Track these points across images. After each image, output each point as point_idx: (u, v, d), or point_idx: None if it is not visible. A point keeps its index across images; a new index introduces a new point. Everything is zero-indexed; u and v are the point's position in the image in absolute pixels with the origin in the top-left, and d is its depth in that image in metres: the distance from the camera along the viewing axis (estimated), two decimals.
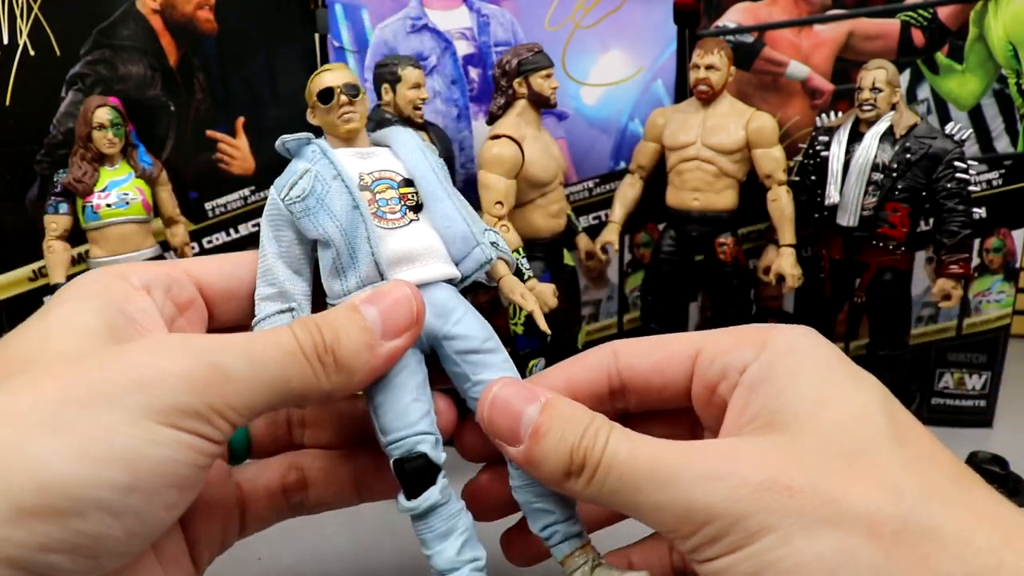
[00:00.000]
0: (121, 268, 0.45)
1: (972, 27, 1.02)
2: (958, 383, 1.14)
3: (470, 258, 0.50)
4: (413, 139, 0.52)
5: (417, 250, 0.48)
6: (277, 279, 0.48)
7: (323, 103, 0.50)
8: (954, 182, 0.91)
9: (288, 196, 0.47)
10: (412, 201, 0.49)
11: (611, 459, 0.40)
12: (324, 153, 0.48)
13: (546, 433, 0.42)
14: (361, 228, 0.47)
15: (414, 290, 0.46)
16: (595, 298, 1.17)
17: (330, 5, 1.05)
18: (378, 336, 0.44)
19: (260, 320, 0.48)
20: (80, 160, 0.94)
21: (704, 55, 0.98)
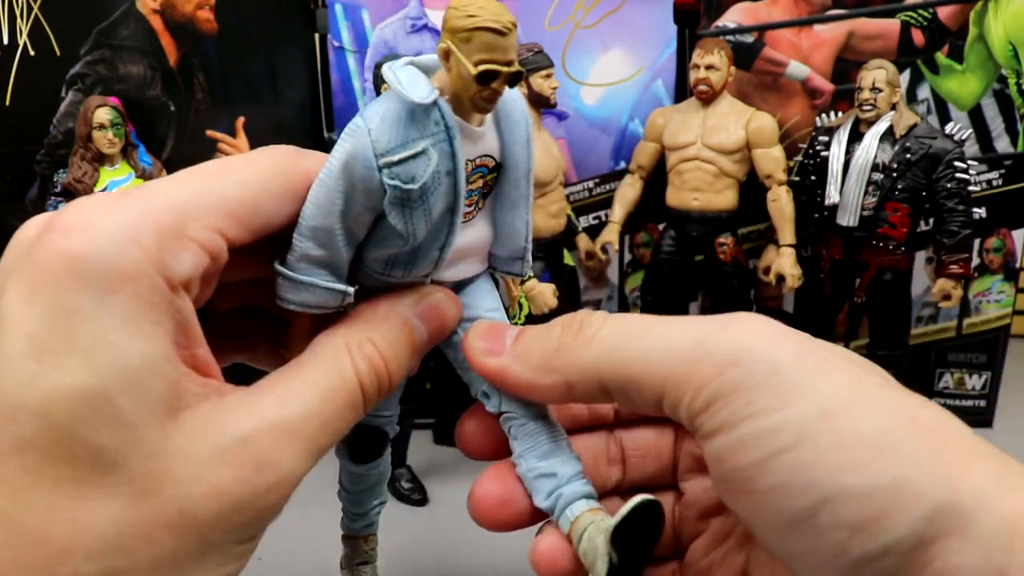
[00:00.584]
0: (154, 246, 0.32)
1: (972, 27, 1.02)
2: (958, 383, 1.14)
3: (508, 265, 0.44)
4: (525, 122, 0.41)
5: (471, 250, 0.43)
6: (333, 244, 0.39)
7: (479, 82, 0.37)
8: (954, 182, 0.91)
9: (392, 173, 0.37)
10: (488, 188, 0.42)
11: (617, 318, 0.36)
12: (450, 138, 0.38)
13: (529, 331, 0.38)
14: (444, 232, 0.40)
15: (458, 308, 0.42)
16: (595, 298, 1.17)
17: (330, 5, 1.05)
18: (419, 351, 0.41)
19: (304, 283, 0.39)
20: (80, 160, 0.94)
21: (704, 55, 0.98)
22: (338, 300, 0.40)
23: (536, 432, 0.41)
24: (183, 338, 0.34)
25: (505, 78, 0.36)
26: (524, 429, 0.42)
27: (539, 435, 0.41)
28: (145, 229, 0.30)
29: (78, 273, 0.29)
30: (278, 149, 0.35)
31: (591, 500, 0.39)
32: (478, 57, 0.35)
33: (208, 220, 0.33)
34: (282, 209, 0.37)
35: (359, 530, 0.53)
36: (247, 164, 0.35)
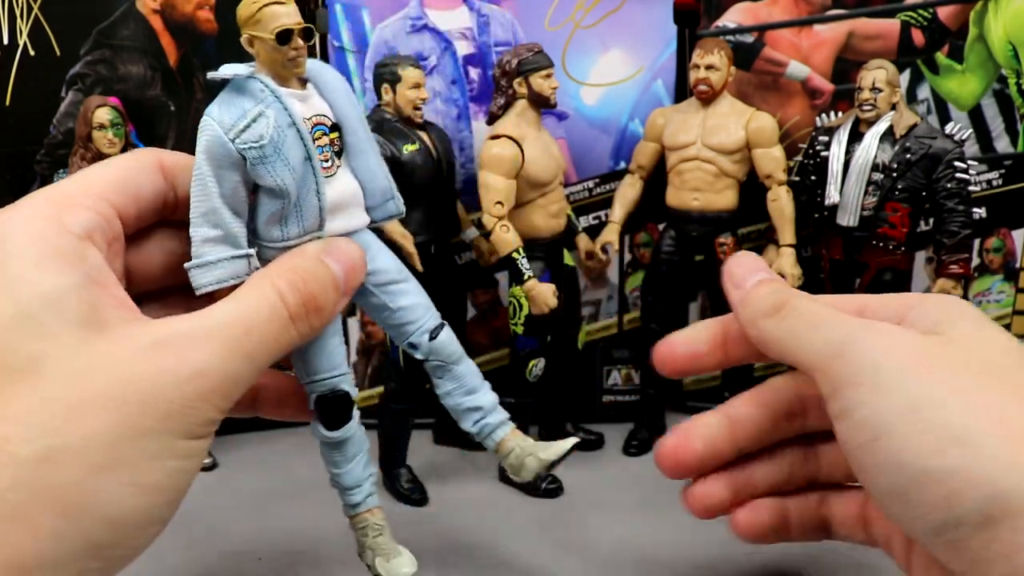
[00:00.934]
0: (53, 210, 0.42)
1: (972, 27, 1.02)
2: None
3: (382, 209, 0.52)
4: (340, 81, 0.51)
5: (346, 200, 0.49)
6: (223, 221, 0.46)
7: (280, 43, 0.46)
8: (954, 182, 0.91)
9: (242, 139, 0.45)
10: (337, 147, 0.49)
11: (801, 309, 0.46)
12: (276, 96, 0.46)
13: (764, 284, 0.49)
14: (311, 179, 0.47)
15: (361, 252, 0.49)
16: (595, 298, 1.17)
17: (330, 5, 1.05)
18: (343, 292, 0.47)
19: (210, 262, 0.46)
20: (80, 160, 0.94)
21: (704, 55, 0.98)
22: (244, 266, 0.47)
23: (461, 375, 0.53)
24: (100, 279, 0.41)
25: (299, 32, 0.46)
26: (450, 373, 0.53)
27: (463, 377, 0.53)
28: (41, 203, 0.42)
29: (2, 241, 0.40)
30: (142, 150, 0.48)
31: (507, 424, 0.53)
32: (272, 25, 0.45)
33: (92, 190, 0.44)
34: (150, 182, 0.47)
35: (360, 504, 0.55)
36: (118, 157, 0.46)
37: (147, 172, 0.47)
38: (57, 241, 0.40)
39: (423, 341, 0.52)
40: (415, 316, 0.52)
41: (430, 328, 0.52)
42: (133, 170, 0.47)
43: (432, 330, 0.52)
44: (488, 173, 0.92)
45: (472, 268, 1.08)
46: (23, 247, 0.40)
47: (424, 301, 0.53)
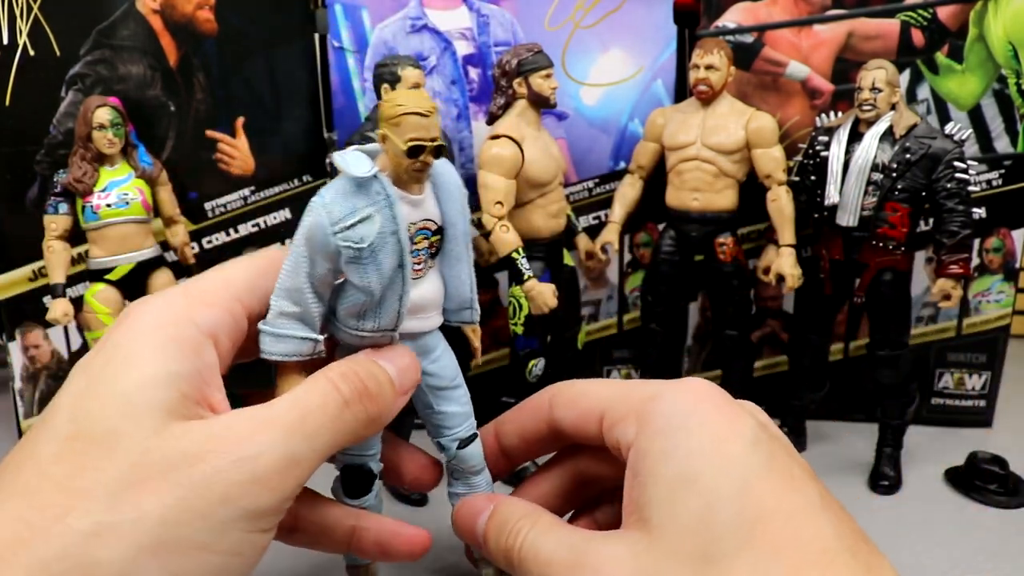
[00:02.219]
0: (187, 308, 0.45)
1: (972, 27, 1.02)
2: (958, 383, 1.14)
3: (458, 315, 0.54)
4: (459, 185, 0.51)
5: (427, 302, 0.51)
6: (304, 300, 0.47)
7: (409, 156, 0.46)
8: (954, 182, 0.91)
9: (345, 236, 0.45)
10: (435, 249, 0.51)
11: (522, 558, 0.47)
12: (390, 203, 0.46)
13: (488, 538, 0.51)
14: (398, 285, 0.48)
15: (412, 355, 0.51)
16: (595, 298, 1.17)
17: (330, 5, 1.05)
18: (399, 391, 0.49)
19: (280, 335, 0.48)
20: (80, 160, 0.94)
21: (704, 55, 0.98)
22: (310, 348, 0.48)
23: (475, 484, 0.56)
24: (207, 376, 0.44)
25: (430, 150, 0.46)
26: (466, 480, 0.56)
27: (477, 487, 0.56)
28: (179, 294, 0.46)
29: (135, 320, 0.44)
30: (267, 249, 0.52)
31: None
32: (408, 136, 0.45)
33: (227, 291, 0.47)
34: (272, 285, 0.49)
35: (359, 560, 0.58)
36: (242, 259, 0.50)
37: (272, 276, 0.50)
38: (180, 331, 0.44)
39: (452, 447, 0.55)
40: (453, 424, 0.55)
41: (462, 438, 0.55)
42: (264, 269, 0.50)
43: (463, 440, 0.55)
44: (488, 173, 0.92)
45: None
46: (150, 330, 0.43)
47: (466, 411, 0.56)
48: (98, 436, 0.39)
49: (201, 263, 1.08)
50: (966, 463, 0.97)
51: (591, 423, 0.51)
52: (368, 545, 0.55)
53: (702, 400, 0.46)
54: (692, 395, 0.46)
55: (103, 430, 0.39)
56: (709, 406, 0.45)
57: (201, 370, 0.44)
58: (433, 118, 0.47)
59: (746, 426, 0.44)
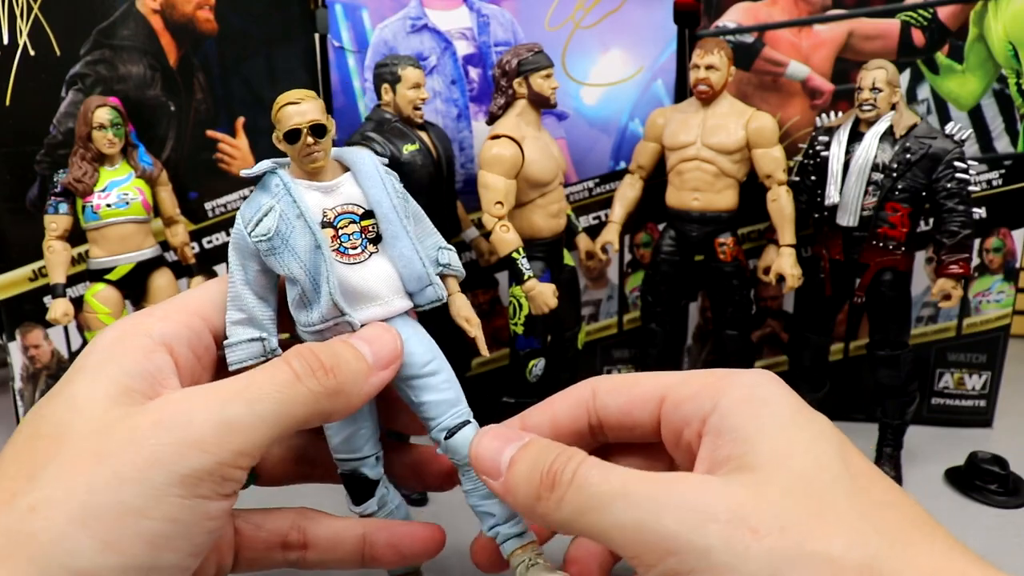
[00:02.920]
0: (145, 322, 0.48)
1: (972, 27, 1.02)
2: (958, 383, 1.14)
3: (422, 295, 0.53)
4: (375, 166, 0.52)
5: (378, 289, 0.51)
6: (246, 306, 0.50)
7: (289, 143, 0.50)
8: (954, 182, 0.91)
9: (254, 232, 0.48)
10: (372, 234, 0.51)
11: (582, 479, 0.41)
12: (287, 189, 0.49)
13: (521, 460, 0.45)
14: (323, 267, 0.49)
15: (391, 329, 0.50)
16: (595, 298, 1.17)
17: (330, 5, 1.05)
18: (372, 366, 0.48)
19: (232, 344, 0.50)
20: (80, 160, 0.94)
21: (704, 55, 0.98)
22: (259, 348, 0.50)
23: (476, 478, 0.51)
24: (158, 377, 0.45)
25: (307, 131, 0.49)
26: (468, 474, 0.53)
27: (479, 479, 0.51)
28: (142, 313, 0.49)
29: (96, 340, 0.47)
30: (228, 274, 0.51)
31: (521, 537, 0.52)
32: (285, 126, 0.49)
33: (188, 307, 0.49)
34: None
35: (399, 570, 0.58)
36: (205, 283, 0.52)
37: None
38: (129, 341, 0.46)
39: (440, 439, 0.52)
40: (436, 413, 0.52)
41: (448, 427, 0.52)
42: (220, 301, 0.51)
43: (450, 429, 0.52)
44: (488, 173, 0.92)
45: (472, 268, 1.08)
46: (104, 345, 0.46)
47: (447, 397, 0.52)
48: (49, 432, 0.41)
49: (201, 263, 1.08)
50: (966, 463, 0.97)
51: (647, 407, 0.49)
52: (382, 551, 0.54)
53: (778, 382, 0.46)
54: (767, 376, 0.46)
55: (53, 425, 0.42)
56: (785, 388, 0.46)
57: (151, 370, 0.45)
58: (307, 103, 0.50)
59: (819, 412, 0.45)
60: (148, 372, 0.45)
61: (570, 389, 0.54)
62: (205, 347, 0.50)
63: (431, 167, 0.93)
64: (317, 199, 0.50)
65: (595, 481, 0.41)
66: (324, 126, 0.50)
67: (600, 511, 0.40)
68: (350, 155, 0.53)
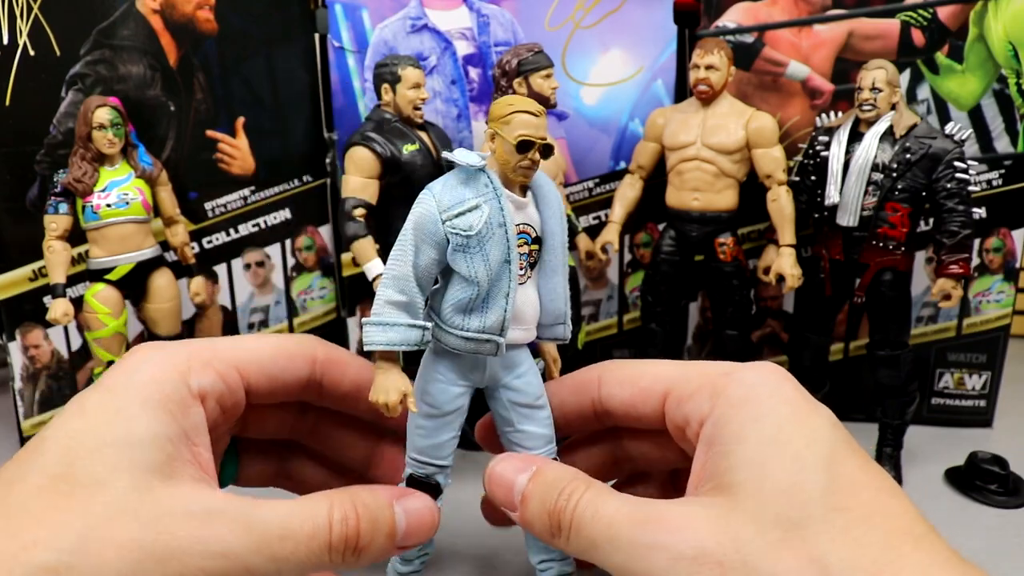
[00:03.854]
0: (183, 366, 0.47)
1: (972, 27, 1.02)
2: (958, 383, 1.14)
3: (551, 330, 0.53)
4: (557, 199, 0.52)
5: (528, 313, 0.51)
6: (409, 290, 0.48)
7: (519, 151, 0.48)
8: (954, 182, 0.91)
9: (453, 224, 0.47)
10: (534, 258, 0.51)
11: (578, 522, 0.44)
12: (497, 195, 0.48)
13: (531, 498, 0.47)
14: (505, 282, 0.48)
15: (434, 505, 0.51)
16: (595, 298, 1.17)
17: (330, 5, 1.05)
18: (398, 543, 0.48)
19: (388, 324, 0.48)
20: (80, 160, 0.94)
21: (704, 55, 0.98)
22: (418, 336, 0.48)
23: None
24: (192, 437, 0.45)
25: (538, 147, 0.47)
26: None
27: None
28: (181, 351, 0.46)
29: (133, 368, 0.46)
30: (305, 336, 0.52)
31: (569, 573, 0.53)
32: (518, 132, 0.46)
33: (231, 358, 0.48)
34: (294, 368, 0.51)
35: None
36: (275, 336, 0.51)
37: (295, 360, 0.52)
38: (170, 391, 0.46)
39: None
40: (532, 445, 0.53)
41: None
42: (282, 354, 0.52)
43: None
44: None
45: None
46: (142, 384, 0.45)
47: (546, 433, 0.53)
48: (83, 481, 0.41)
49: (201, 263, 1.08)
50: (966, 463, 0.97)
51: (650, 402, 0.50)
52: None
53: (781, 378, 0.46)
54: (769, 372, 0.46)
55: (88, 476, 0.41)
56: (788, 384, 0.46)
57: (187, 430, 0.45)
58: (543, 119, 0.49)
59: (822, 407, 0.45)
60: (184, 433, 0.45)
61: (577, 374, 0.55)
62: (234, 404, 0.51)
63: (431, 167, 0.93)
64: (512, 213, 0.49)
65: (588, 522, 0.44)
66: (552, 148, 0.49)
67: (596, 551, 0.43)
68: (536, 179, 0.52)
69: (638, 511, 0.43)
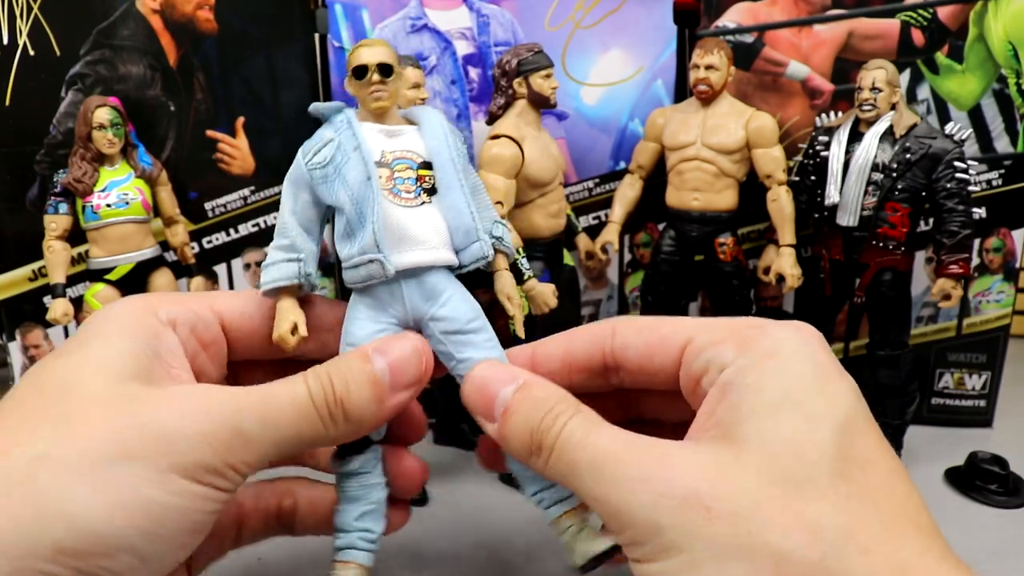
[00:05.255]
0: (151, 301, 0.49)
1: (972, 27, 1.02)
2: (958, 383, 1.14)
3: (468, 251, 0.53)
4: (441, 122, 0.54)
5: (421, 234, 0.51)
6: (289, 233, 0.52)
7: (357, 78, 0.52)
8: (954, 182, 0.91)
9: (311, 161, 0.50)
10: (428, 184, 0.52)
11: (563, 444, 0.42)
12: (350, 124, 0.51)
13: (514, 413, 0.45)
14: (370, 200, 0.49)
15: (424, 344, 0.49)
16: (595, 298, 1.17)
17: (330, 5, 1.05)
18: (387, 389, 0.47)
19: (268, 264, 0.51)
20: (80, 160, 0.94)
21: (704, 55, 0.98)
22: (295, 269, 0.51)
23: None
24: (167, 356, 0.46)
25: (374, 69, 0.51)
26: None
27: None
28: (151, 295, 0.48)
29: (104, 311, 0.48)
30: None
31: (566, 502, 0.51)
32: (354, 62, 0.51)
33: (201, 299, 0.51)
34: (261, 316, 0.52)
35: (338, 552, 0.53)
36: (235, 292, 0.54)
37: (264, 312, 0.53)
38: (140, 317, 0.47)
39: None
40: None
41: None
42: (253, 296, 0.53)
43: None
44: (487, 173, 0.92)
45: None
46: (113, 316, 0.47)
47: (492, 356, 0.51)
48: (55, 390, 0.42)
49: (201, 263, 1.08)
50: (966, 463, 0.97)
51: (669, 351, 0.47)
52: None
53: (811, 337, 0.44)
54: (801, 330, 0.44)
55: (60, 383, 0.42)
56: (818, 345, 0.44)
57: (159, 350, 0.46)
58: (379, 47, 0.53)
59: (848, 376, 0.43)
60: (157, 352, 0.46)
61: (590, 325, 0.53)
62: (213, 337, 0.51)
63: None
64: (378, 139, 0.52)
65: (573, 446, 0.41)
66: (391, 66, 0.52)
67: (577, 478, 0.41)
68: (419, 111, 0.55)
69: (629, 443, 0.41)
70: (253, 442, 0.43)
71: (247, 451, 0.43)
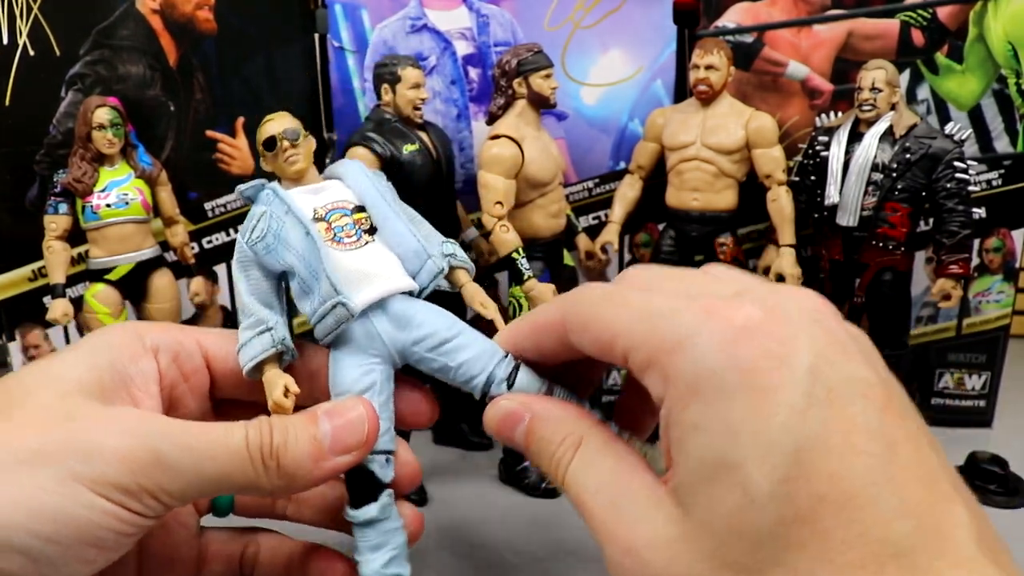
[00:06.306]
0: (139, 327, 0.50)
1: (972, 27, 1.02)
2: (958, 383, 1.14)
3: (424, 271, 0.53)
4: (360, 169, 0.56)
5: (373, 269, 0.51)
6: (252, 312, 0.52)
7: (268, 150, 0.55)
8: (954, 182, 0.91)
9: (250, 238, 0.51)
10: (366, 224, 0.53)
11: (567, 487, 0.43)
12: (276, 193, 0.52)
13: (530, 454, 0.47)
14: (315, 252, 0.50)
15: (370, 410, 0.49)
16: None
17: (330, 5, 1.05)
18: (326, 450, 0.46)
19: (242, 344, 0.51)
20: (80, 160, 0.94)
21: (704, 55, 0.98)
22: (268, 340, 0.50)
23: None
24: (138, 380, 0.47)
25: (281, 137, 0.55)
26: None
27: None
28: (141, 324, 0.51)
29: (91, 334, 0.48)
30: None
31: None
32: (262, 137, 0.55)
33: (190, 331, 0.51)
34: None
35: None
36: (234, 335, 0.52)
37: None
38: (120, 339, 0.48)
39: (503, 392, 0.48)
40: (479, 368, 0.49)
41: (504, 377, 0.48)
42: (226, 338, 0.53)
43: (508, 378, 0.48)
44: (488, 173, 0.92)
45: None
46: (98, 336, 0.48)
47: (485, 347, 0.50)
48: (16, 393, 0.43)
49: (201, 263, 1.08)
50: (966, 463, 0.97)
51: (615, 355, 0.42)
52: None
53: (740, 343, 0.34)
54: (729, 337, 0.35)
55: (21, 389, 0.44)
56: (749, 351, 0.34)
57: (132, 373, 0.47)
58: (280, 118, 0.57)
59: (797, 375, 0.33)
60: (128, 374, 0.47)
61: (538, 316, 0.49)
62: (194, 368, 0.51)
63: (431, 167, 0.93)
64: (306, 199, 0.53)
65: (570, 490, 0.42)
66: (298, 130, 0.56)
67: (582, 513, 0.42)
68: (336, 167, 0.56)
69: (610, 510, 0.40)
70: (173, 470, 0.42)
71: (166, 478, 0.42)
